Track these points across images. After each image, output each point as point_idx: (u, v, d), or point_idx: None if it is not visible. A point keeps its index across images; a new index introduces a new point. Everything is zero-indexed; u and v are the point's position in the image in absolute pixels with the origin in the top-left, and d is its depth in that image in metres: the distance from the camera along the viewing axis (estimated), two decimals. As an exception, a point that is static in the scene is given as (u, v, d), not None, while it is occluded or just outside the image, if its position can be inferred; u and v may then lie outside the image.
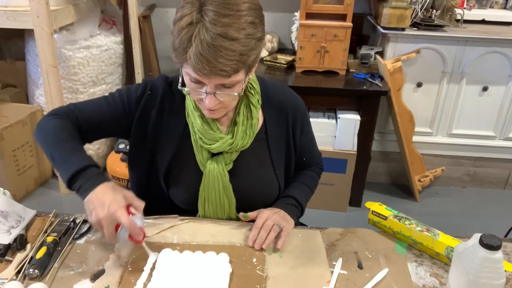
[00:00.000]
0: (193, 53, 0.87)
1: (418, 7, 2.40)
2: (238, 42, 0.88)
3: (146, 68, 2.90)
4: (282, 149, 1.17)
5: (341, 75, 2.39)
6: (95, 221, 0.91)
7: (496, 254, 0.79)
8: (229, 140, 1.07)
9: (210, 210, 1.13)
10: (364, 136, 2.33)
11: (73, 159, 0.98)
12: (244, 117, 1.08)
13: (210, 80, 0.92)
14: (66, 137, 1.02)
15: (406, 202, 2.62)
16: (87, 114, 1.08)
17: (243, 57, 0.90)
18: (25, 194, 2.54)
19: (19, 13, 2.27)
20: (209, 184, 1.09)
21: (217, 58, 0.86)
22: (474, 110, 2.58)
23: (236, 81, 0.94)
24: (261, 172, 1.15)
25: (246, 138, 1.08)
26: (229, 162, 1.10)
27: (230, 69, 0.89)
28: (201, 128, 1.06)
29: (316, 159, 1.31)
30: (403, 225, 1.06)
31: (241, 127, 1.08)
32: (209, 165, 1.08)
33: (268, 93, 1.14)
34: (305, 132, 1.22)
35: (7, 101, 2.67)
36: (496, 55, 2.42)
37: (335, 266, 0.99)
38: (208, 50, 0.86)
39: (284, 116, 1.15)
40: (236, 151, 1.10)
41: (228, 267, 0.95)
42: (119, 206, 0.91)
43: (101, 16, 2.67)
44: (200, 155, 1.10)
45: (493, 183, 2.78)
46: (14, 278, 0.93)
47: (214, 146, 1.06)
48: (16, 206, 1.10)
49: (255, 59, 0.95)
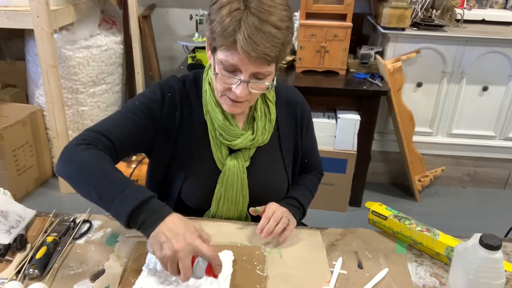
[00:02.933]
0: (242, 35, 0.89)
1: (418, 7, 2.40)
2: (281, 32, 0.92)
3: (146, 68, 2.90)
4: (291, 146, 1.20)
5: (341, 75, 2.39)
6: (170, 254, 0.80)
7: (496, 254, 0.79)
8: (250, 136, 1.08)
9: (224, 208, 1.13)
10: (364, 136, 2.33)
11: (129, 192, 0.85)
12: (262, 113, 1.11)
13: (248, 67, 0.93)
14: (110, 168, 0.91)
15: (406, 202, 2.62)
16: (117, 133, 0.99)
17: (284, 47, 0.94)
18: (25, 194, 2.54)
19: (19, 13, 2.27)
20: (228, 181, 1.10)
21: (264, 42, 0.89)
22: (474, 110, 2.58)
23: (270, 72, 0.97)
24: (274, 169, 1.17)
25: (266, 134, 1.11)
26: (247, 158, 1.11)
27: (274, 56, 0.92)
28: (223, 124, 1.06)
29: (317, 164, 1.33)
30: (403, 225, 1.06)
31: (260, 123, 1.10)
32: (229, 161, 1.09)
33: (278, 91, 1.17)
34: (309, 134, 1.25)
35: (7, 101, 2.67)
36: (496, 55, 2.42)
37: (335, 266, 0.99)
38: (257, 34, 0.89)
39: (293, 114, 1.19)
40: (254, 148, 1.12)
41: (229, 266, 0.95)
42: (196, 236, 0.83)
43: (101, 16, 2.67)
44: (218, 152, 1.10)
45: (493, 183, 2.78)
46: (14, 278, 0.93)
47: (236, 142, 1.07)
48: (16, 206, 1.10)
49: (287, 54, 0.99)
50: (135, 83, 2.91)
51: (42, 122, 2.60)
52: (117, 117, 1.03)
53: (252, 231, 1.09)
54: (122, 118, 1.02)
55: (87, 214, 1.14)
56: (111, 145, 0.97)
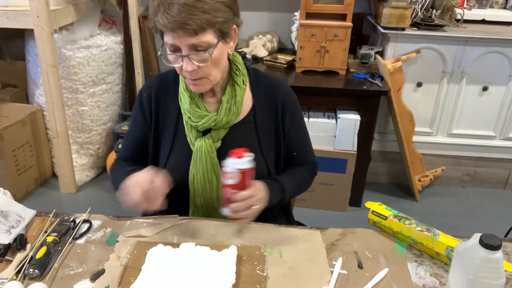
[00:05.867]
0: (160, 13, 0.98)
1: (418, 7, 2.40)
2: (201, 1, 0.97)
3: (146, 68, 2.90)
4: (271, 134, 1.22)
5: (341, 75, 2.39)
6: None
7: (496, 254, 0.79)
8: (214, 117, 1.14)
9: (199, 187, 1.17)
10: (364, 136, 2.33)
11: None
12: (229, 96, 1.16)
13: (181, 41, 1.00)
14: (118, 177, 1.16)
15: (406, 202, 2.62)
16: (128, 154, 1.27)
17: (206, 15, 0.98)
18: (25, 194, 2.54)
19: (19, 13, 2.27)
20: (197, 160, 1.15)
21: (180, 13, 0.96)
22: (474, 110, 2.58)
23: (207, 42, 1.01)
24: None
25: (231, 115, 1.15)
26: (216, 140, 1.16)
27: (194, 24, 0.97)
28: (189, 107, 1.15)
29: (308, 158, 1.31)
30: (403, 225, 1.06)
31: (226, 105, 1.15)
32: (198, 142, 1.15)
33: (258, 77, 1.23)
34: (296, 126, 1.25)
35: (7, 101, 2.67)
36: (496, 55, 2.42)
37: (335, 266, 0.99)
38: (171, 7, 0.97)
39: (273, 102, 1.21)
40: (224, 129, 1.16)
41: (233, 264, 0.95)
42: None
43: (101, 16, 2.67)
44: (190, 134, 1.17)
45: (493, 183, 2.78)
46: (14, 278, 0.93)
47: (200, 123, 1.14)
48: (16, 206, 1.10)
49: (223, 23, 1.02)
50: (135, 83, 2.91)
51: (42, 122, 2.60)
52: (126, 137, 1.29)
53: (252, 231, 1.09)
54: (129, 136, 1.27)
55: (87, 214, 1.14)
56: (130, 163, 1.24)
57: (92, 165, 2.76)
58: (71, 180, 2.58)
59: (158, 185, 1.01)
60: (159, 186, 1.01)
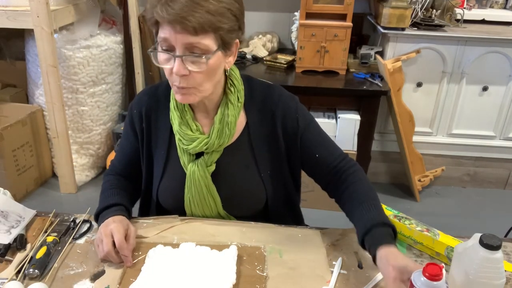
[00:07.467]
0: (161, 5, 0.89)
1: (418, 7, 2.40)
2: (207, 2, 0.89)
3: (146, 68, 2.91)
4: (267, 151, 1.12)
5: (341, 75, 2.39)
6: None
7: (496, 254, 0.79)
8: (204, 140, 1.05)
9: (197, 210, 1.12)
10: (364, 136, 2.33)
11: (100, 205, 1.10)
12: (222, 116, 1.06)
13: (177, 37, 0.90)
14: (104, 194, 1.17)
15: (406, 202, 2.62)
16: (120, 167, 1.21)
17: (210, 16, 0.90)
18: (25, 194, 2.54)
19: (19, 13, 2.27)
20: (192, 186, 1.09)
21: (183, 8, 0.88)
22: (474, 110, 2.58)
23: (205, 46, 0.92)
24: (245, 174, 1.12)
25: (223, 137, 1.05)
26: (210, 163, 1.08)
27: (195, 21, 0.88)
28: (179, 129, 1.06)
29: (336, 152, 1.19)
30: (403, 225, 1.06)
31: (218, 125, 1.05)
32: (190, 167, 1.07)
33: (252, 93, 1.12)
34: (310, 128, 1.15)
35: (7, 101, 2.67)
36: (496, 55, 2.42)
37: (335, 266, 0.99)
38: (176, 1, 0.89)
39: (269, 117, 1.11)
40: (217, 152, 1.08)
41: (233, 264, 0.95)
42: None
43: (101, 16, 2.67)
44: (183, 157, 1.09)
45: (493, 183, 2.78)
46: (14, 278, 0.93)
47: (191, 147, 1.06)
48: (16, 206, 1.10)
49: (227, 31, 0.94)
50: (135, 83, 2.91)
51: (42, 122, 2.60)
52: (118, 150, 1.23)
53: (252, 231, 1.09)
54: (121, 150, 1.22)
55: (87, 214, 1.14)
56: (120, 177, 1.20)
57: (92, 165, 2.76)
58: (71, 180, 2.58)
59: (131, 242, 1.00)
60: (131, 243, 1.00)
